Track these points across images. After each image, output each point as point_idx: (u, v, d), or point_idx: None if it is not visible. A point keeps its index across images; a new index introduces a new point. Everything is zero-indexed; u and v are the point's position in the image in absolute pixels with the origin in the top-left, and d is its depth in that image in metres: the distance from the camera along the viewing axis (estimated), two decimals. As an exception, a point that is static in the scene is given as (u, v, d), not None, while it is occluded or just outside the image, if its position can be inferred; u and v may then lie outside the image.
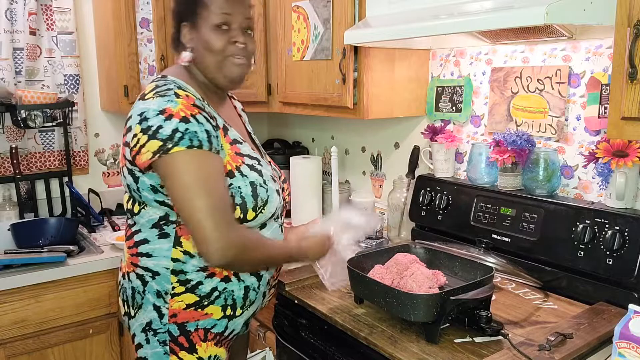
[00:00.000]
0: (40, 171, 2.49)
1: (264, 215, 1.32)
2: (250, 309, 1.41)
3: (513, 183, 1.71)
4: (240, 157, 1.31)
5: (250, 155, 1.35)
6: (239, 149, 1.32)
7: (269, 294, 1.48)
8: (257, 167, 1.33)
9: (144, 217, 1.29)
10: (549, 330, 1.28)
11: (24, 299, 1.87)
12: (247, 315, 1.41)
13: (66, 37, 2.48)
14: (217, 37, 1.28)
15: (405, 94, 2.00)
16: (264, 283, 1.40)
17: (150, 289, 1.30)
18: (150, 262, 1.29)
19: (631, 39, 1.07)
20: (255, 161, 1.35)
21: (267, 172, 1.37)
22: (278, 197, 1.37)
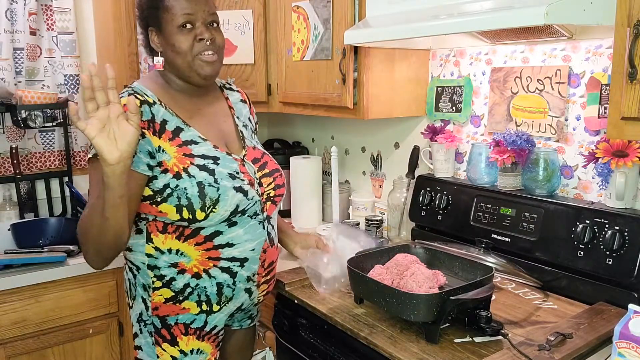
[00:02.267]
0: (40, 171, 2.49)
1: (218, 214, 1.29)
2: (231, 305, 1.41)
3: (513, 183, 1.71)
4: (190, 158, 1.30)
5: (205, 154, 1.32)
6: (191, 150, 1.31)
7: (259, 290, 1.46)
8: (209, 167, 1.31)
9: None
10: (548, 330, 1.28)
11: (24, 299, 1.88)
12: (227, 311, 1.42)
13: (66, 37, 2.48)
14: (183, 37, 1.31)
15: (405, 94, 2.00)
16: (240, 280, 1.39)
17: (138, 282, 1.38)
18: (131, 257, 1.37)
19: (631, 39, 1.07)
20: (210, 160, 1.32)
21: (225, 170, 1.33)
22: (238, 195, 1.32)
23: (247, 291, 1.43)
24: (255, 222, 1.39)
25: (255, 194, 1.38)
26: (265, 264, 1.44)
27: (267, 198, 1.43)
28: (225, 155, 1.36)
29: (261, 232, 1.41)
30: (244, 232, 1.37)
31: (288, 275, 1.67)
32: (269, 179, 1.45)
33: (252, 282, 1.43)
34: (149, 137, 1.27)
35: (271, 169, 1.47)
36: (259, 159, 1.46)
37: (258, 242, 1.40)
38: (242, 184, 1.35)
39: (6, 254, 1.97)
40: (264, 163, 1.47)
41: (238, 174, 1.36)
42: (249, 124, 1.55)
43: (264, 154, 1.50)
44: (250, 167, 1.41)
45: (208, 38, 1.32)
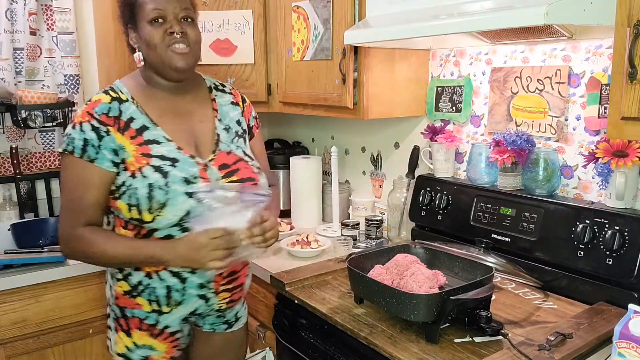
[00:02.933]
0: (40, 171, 2.49)
1: (165, 217, 1.28)
2: (182, 309, 1.41)
3: (513, 183, 1.71)
4: (147, 158, 1.30)
5: (165, 156, 1.31)
6: (150, 150, 1.32)
7: (218, 298, 1.43)
8: (164, 169, 1.29)
9: None
10: (548, 330, 1.28)
11: (24, 299, 1.87)
12: (179, 314, 1.41)
13: (66, 37, 2.48)
14: (154, 31, 1.33)
15: (405, 94, 2.00)
16: (191, 286, 1.38)
17: (108, 269, 1.47)
18: None
19: (631, 39, 1.07)
20: (168, 162, 1.31)
21: (181, 173, 1.30)
22: (190, 201, 1.29)
23: (201, 297, 1.41)
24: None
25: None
26: (223, 272, 1.40)
27: None
28: (187, 158, 1.33)
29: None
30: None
31: (288, 275, 1.67)
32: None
33: (208, 289, 1.40)
34: (113, 134, 1.31)
35: (241, 177, 1.38)
36: (228, 165, 1.39)
37: None
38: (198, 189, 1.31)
39: (6, 254, 1.97)
40: (234, 170, 1.39)
41: (195, 178, 1.32)
42: (235, 127, 1.48)
43: (239, 160, 1.42)
44: (213, 172, 1.36)
45: (178, 31, 1.32)
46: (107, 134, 1.31)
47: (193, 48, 1.36)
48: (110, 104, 1.34)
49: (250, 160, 1.45)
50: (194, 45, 1.37)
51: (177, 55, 1.34)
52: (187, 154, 1.34)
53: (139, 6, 1.34)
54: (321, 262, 1.83)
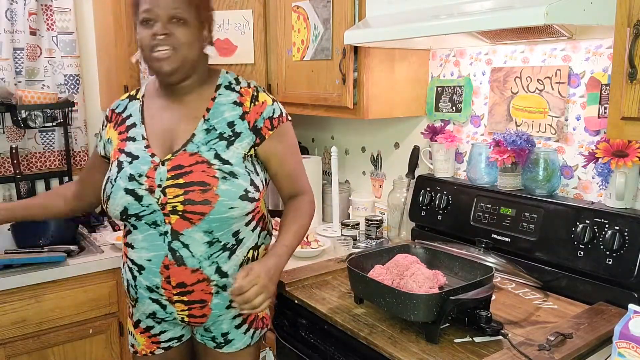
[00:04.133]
0: (40, 171, 2.49)
1: (110, 209, 1.36)
2: (140, 306, 1.43)
3: (513, 183, 1.71)
4: (119, 153, 1.39)
5: (131, 152, 1.36)
6: (125, 145, 1.39)
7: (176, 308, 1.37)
8: (123, 164, 1.35)
9: None
10: (548, 330, 1.28)
11: (24, 299, 1.87)
12: (140, 311, 1.45)
13: (66, 37, 2.48)
14: (144, 32, 1.32)
15: (405, 94, 2.00)
16: (140, 286, 1.38)
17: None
18: None
19: (631, 39, 1.07)
20: (130, 158, 1.35)
21: (130, 170, 1.32)
22: (127, 197, 1.30)
23: (155, 302, 1.38)
24: (154, 232, 1.33)
25: (154, 202, 1.30)
26: (171, 282, 1.34)
27: (172, 210, 1.29)
28: (147, 156, 1.34)
29: (160, 245, 1.33)
30: (142, 238, 1.36)
31: (288, 275, 1.67)
32: (177, 190, 1.29)
33: (159, 295, 1.37)
34: (106, 129, 1.47)
35: (189, 181, 1.29)
36: (183, 166, 1.31)
37: (155, 255, 1.34)
38: (138, 187, 1.31)
39: (6, 254, 1.96)
40: (185, 173, 1.30)
41: (140, 177, 1.31)
42: (223, 129, 1.36)
43: (200, 162, 1.31)
44: (161, 173, 1.31)
45: (159, 33, 1.27)
46: (103, 127, 1.49)
47: (179, 50, 1.30)
48: (122, 101, 1.48)
49: (218, 164, 1.31)
50: (181, 47, 1.30)
51: (158, 59, 1.30)
52: (151, 152, 1.35)
53: (136, 6, 1.34)
54: (321, 262, 1.83)
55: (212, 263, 1.35)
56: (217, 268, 1.35)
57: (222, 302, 1.39)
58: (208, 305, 1.38)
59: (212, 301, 1.38)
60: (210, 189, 1.28)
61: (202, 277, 1.35)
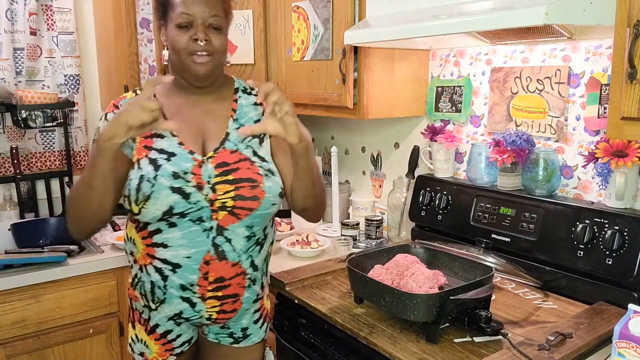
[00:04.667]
0: (40, 171, 2.49)
1: (148, 211, 1.28)
2: (166, 308, 1.39)
3: (513, 183, 1.71)
4: (147, 151, 1.32)
5: (164, 149, 1.32)
6: (152, 143, 1.33)
7: (206, 304, 1.37)
8: (158, 162, 1.30)
9: None
10: (548, 330, 1.28)
11: (24, 299, 1.87)
12: (165, 313, 1.40)
13: (66, 37, 2.48)
14: (180, 36, 1.32)
15: (405, 94, 2.00)
16: (172, 285, 1.34)
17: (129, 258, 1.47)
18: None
19: (631, 39, 1.07)
20: (165, 155, 1.31)
21: (172, 168, 1.29)
22: (175, 196, 1.28)
23: (185, 300, 1.36)
24: (198, 228, 1.31)
25: (202, 199, 1.30)
26: (209, 277, 1.34)
27: (222, 207, 1.31)
28: (185, 153, 1.32)
29: (203, 241, 1.32)
30: (181, 235, 1.32)
31: (288, 275, 1.67)
32: (228, 186, 1.31)
33: (192, 293, 1.35)
34: None
35: (238, 177, 1.32)
36: (228, 163, 1.34)
37: (197, 251, 1.32)
38: (185, 185, 1.29)
39: (6, 254, 1.97)
40: (232, 169, 1.33)
41: (186, 174, 1.30)
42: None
43: (243, 160, 1.35)
44: (208, 170, 1.32)
45: (202, 39, 1.30)
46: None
47: (216, 57, 1.34)
48: (130, 99, 1.40)
49: (259, 162, 1.37)
50: (217, 54, 1.35)
51: (196, 63, 1.32)
52: (187, 149, 1.33)
53: (170, 6, 1.33)
54: (321, 262, 1.83)
55: (248, 257, 1.38)
56: (251, 262, 1.40)
57: (251, 296, 1.44)
58: (240, 299, 1.41)
59: (244, 295, 1.41)
60: (258, 185, 1.33)
61: (240, 270, 1.38)
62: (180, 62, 1.34)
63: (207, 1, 1.32)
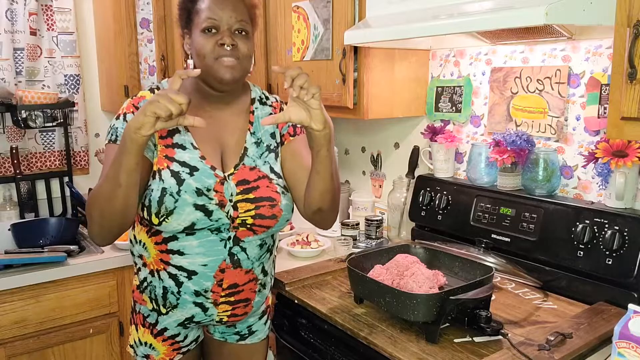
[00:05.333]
0: (40, 171, 2.49)
1: (170, 225, 1.27)
2: (178, 313, 1.38)
3: (513, 183, 1.71)
4: (168, 161, 1.29)
5: (186, 162, 1.30)
6: (174, 153, 1.30)
7: (218, 309, 1.38)
8: (181, 175, 1.28)
9: None
10: (548, 330, 1.28)
11: (24, 299, 1.88)
12: (176, 317, 1.40)
13: (66, 37, 2.48)
14: (205, 40, 1.29)
15: (405, 94, 2.00)
16: (186, 291, 1.34)
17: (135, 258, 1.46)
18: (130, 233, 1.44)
19: (631, 39, 1.07)
20: (187, 169, 1.29)
21: (195, 183, 1.28)
22: (197, 213, 1.27)
23: (198, 305, 1.37)
24: (215, 237, 1.32)
25: (224, 217, 1.30)
26: (223, 284, 1.36)
27: (242, 223, 1.32)
28: (207, 168, 1.31)
29: (220, 250, 1.33)
30: (198, 244, 1.32)
31: (288, 275, 1.67)
32: (249, 205, 1.32)
33: (205, 299, 1.36)
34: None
35: (258, 196, 1.33)
36: (249, 181, 1.34)
37: (213, 260, 1.33)
38: (208, 202, 1.28)
39: (6, 254, 1.97)
40: (253, 188, 1.33)
41: (209, 191, 1.29)
42: (268, 141, 1.40)
43: (263, 177, 1.35)
44: (229, 187, 1.32)
45: (229, 43, 1.28)
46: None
47: (242, 62, 1.32)
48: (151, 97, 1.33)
49: (275, 179, 1.37)
50: (244, 59, 1.32)
51: (224, 67, 1.29)
52: (209, 164, 1.31)
53: (195, 13, 1.31)
54: (321, 262, 1.83)
55: (260, 264, 1.41)
56: (262, 268, 1.42)
57: (261, 300, 1.47)
58: (251, 303, 1.44)
59: (255, 299, 1.44)
60: (277, 204, 1.34)
61: (252, 276, 1.40)
62: (207, 68, 1.30)
63: (234, 6, 1.30)
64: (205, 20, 1.28)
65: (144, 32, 2.40)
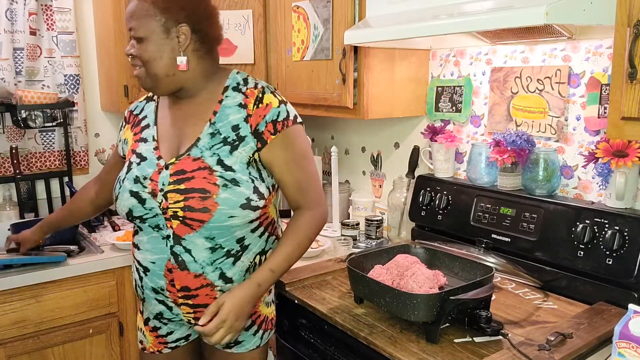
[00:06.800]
0: (40, 171, 2.49)
1: (118, 209, 1.39)
2: (148, 306, 1.45)
3: (513, 183, 1.71)
4: (131, 154, 1.41)
5: (141, 153, 1.38)
6: (137, 146, 1.41)
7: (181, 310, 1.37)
8: (132, 165, 1.38)
9: None
10: (548, 330, 1.28)
11: (24, 299, 1.87)
12: (148, 309, 1.46)
13: (66, 37, 2.48)
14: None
15: (405, 94, 2.00)
16: (146, 287, 1.40)
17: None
18: None
19: (631, 39, 1.07)
20: (139, 159, 1.37)
21: (137, 172, 1.35)
22: (132, 200, 1.33)
23: (160, 302, 1.39)
24: (157, 235, 1.34)
25: (156, 206, 1.31)
26: (175, 285, 1.34)
27: (173, 215, 1.29)
28: (154, 158, 1.36)
29: (163, 248, 1.33)
30: (147, 240, 1.37)
31: (288, 275, 1.67)
32: (177, 195, 1.28)
33: (165, 297, 1.37)
34: (124, 129, 1.50)
35: (189, 187, 1.27)
36: (185, 171, 1.30)
37: (159, 258, 1.34)
38: (141, 190, 1.33)
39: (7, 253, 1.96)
40: (187, 178, 1.29)
41: (145, 179, 1.33)
42: (227, 133, 1.32)
43: (203, 168, 1.29)
44: (164, 177, 1.31)
45: (127, 52, 1.34)
46: (121, 129, 1.52)
47: (146, 67, 1.31)
48: (140, 102, 1.51)
49: (220, 171, 1.28)
50: (147, 64, 1.30)
51: (137, 77, 1.36)
52: (158, 154, 1.36)
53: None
54: (321, 262, 1.83)
55: (215, 269, 1.33)
56: (220, 274, 1.34)
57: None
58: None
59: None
60: (210, 196, 1.26)
61: (205, 282, 1.34)
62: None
63: (129, 15, 1.32)
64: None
65: (144, 32, 2.40)
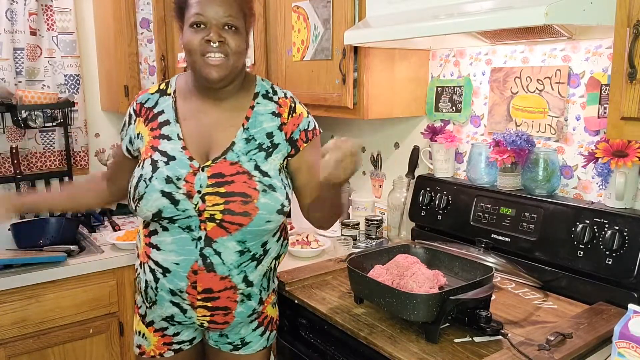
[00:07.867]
0: (40, 171, 2.49)
1: (141, 210, 1.31)
2: (157, 309, 1.40)
3: (513, 183, 1.71)
4: (152, 151, 1.34)
5: (167, 152, 1.32)
6: (159, 144, 1.34)
7: (196, 313, 1.37)
8: (158, 164, 1.31)
9: None
10: (548, 330, 1.28)
11: (24, 299, 1.88)
12: (157, 313, 1.42)
13: (66, 37, 2.48)
14: (193, 36, 1.28)
15: (405, 94, 2.00)
16: (162, 288, 1.35)
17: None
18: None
19: (631, 39, 1.07)
20: (165, 158, 1.31)
21: (167, 172, 1.29)
22: (163, 200, 1.28)
23: (175, 305, 1.37)
24: (187, 236, 1.31)
25: (191, 208, 1.28)
26: (197, 287, 1.33)
27: (210, 218, 1.29)
28: (185, 158, 1.31)
29: (191, 250, 1.31)
30: (172, 241, 1.33)
31: (288, 275, 1.67)
32: (217, 198, 1.28)
33: (182, 299, 1.35)
34: (134, 125, 1.42)
35: (230, 191, 1.28)
36: (224, 175, 1.30)
37: (185, 259, 1.32)
38: (175, 191, 1.28)
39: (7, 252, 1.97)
40: (227, 182, 1.29)
41: (179, 180, 1.29)
42: (262, 139, 1.36)
43: (241, 173, 1.30)
44: (201, 179, 1.30)
45: (215, 40, 1.26)
46: (131, 123, 1.43)
47: (231, 59, 1.29)
48: (152, 95, 1.42)
49: (259, 176, 1.31)
50: (233, 55, 1.29)
51: (210, 66, 1.28)
52: (188, 155, 1.32)
53: (186, 8, 1.31)
54: (321, 262, 1.83)
55: (240, 272, 1.35)
56: (244, 277, 1.36)
57: (245, 311, 1.40)
58: (232, 312, 1.38)
59: (237, 309, 1.38)
60: (251, 201, 1.29)
61: (230, 284, 1.34)
62: (194, 65, 1.30)
63: (222, 1, 1.28)
64: (193, 16, 1.28)
65: (144, 32, 2.40)
